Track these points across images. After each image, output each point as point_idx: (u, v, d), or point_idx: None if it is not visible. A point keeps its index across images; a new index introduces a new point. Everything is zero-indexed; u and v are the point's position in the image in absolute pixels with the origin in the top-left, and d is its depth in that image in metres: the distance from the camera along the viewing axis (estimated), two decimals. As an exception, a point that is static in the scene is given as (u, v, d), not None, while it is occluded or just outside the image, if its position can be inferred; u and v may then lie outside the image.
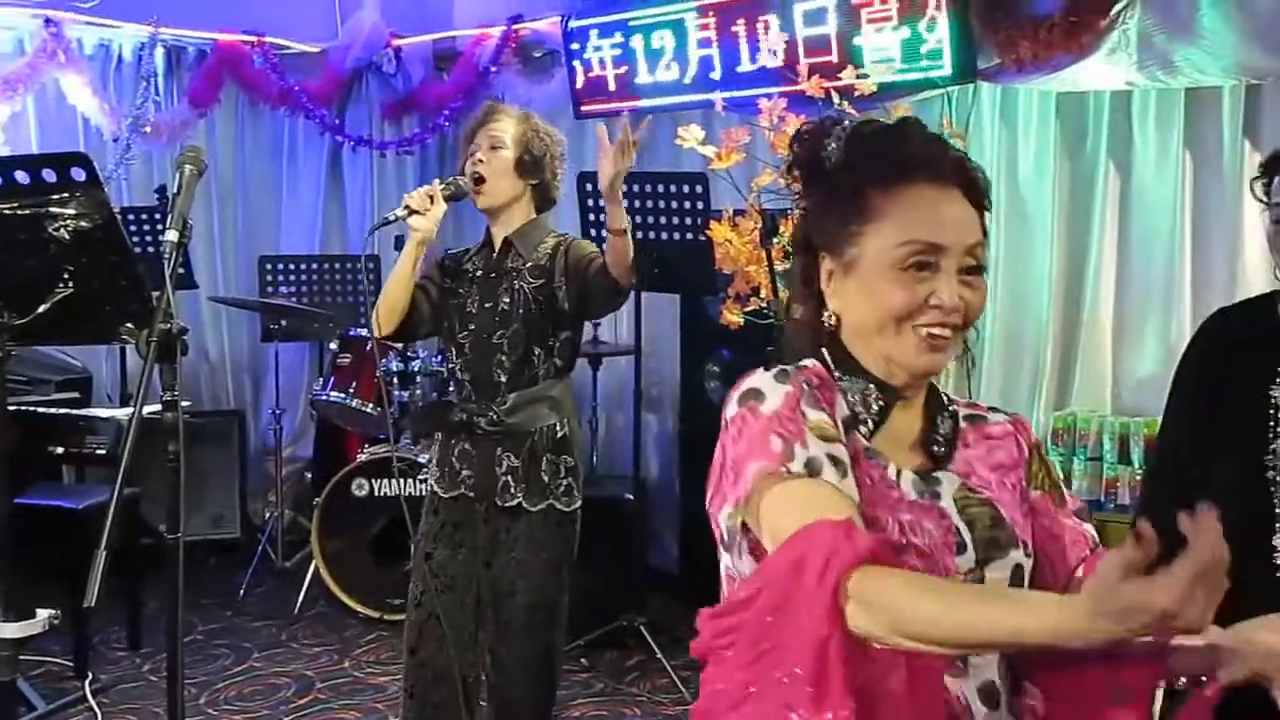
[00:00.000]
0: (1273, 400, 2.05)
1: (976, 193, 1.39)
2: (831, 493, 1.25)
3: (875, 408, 1.39)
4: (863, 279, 1.36)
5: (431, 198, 2.94)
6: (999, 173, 4.35)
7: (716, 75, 4.69)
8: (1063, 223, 4.27)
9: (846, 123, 1.41)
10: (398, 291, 2.97)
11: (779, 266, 3.46)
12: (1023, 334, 4.37)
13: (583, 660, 4.42)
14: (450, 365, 3.11)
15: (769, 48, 4.44)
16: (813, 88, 3.77)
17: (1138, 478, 3.96)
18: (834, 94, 3.68)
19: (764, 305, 3.67)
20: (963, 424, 1.46)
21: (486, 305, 3.00)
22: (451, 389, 3.16)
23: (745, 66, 4.59)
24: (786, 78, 3.76)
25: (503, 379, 2.97)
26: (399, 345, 4.77)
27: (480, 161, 2.99)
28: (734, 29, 4.58)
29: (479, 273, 3.04)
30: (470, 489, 2.99)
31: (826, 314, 1.41)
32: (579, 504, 3.02)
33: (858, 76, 3.91)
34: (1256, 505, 2.04)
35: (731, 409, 1.37)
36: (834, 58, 4.23)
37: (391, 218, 2.96)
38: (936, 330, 1.34)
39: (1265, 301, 2.17)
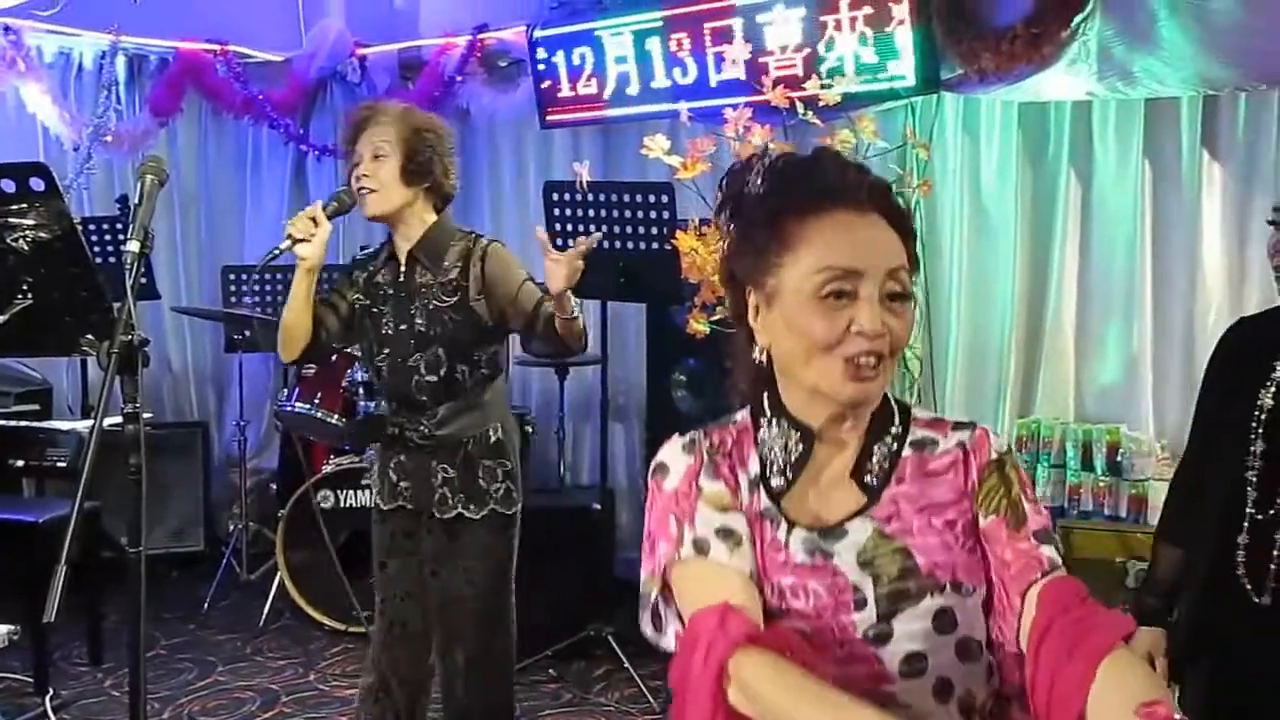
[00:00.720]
0: (1259, 404, 2.10)
1: (900, 219, 1.37)
2: (716, 572, 1.33)
3: (795, 451, 1.39)
4: (784, 310, 1.34)
5: (315, 220, 2.82)
6: (962, 182, 4.38)
7: (682, 85, 4.70)
8: (1025, 231, 4.31)
9: (769, 158, 1.41)
10: (294, 321, 2.87)
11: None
12: (986, 341, 4.41)
13: (550, 670, 4.41)
14: (375, 382, 3.07)
15: (734, 58, 4.46)
16: (777, 98, 3.79)
17: (1100, 484, 4.00)
18: (799, 104, 3.70)
19: (729, 315, 3.68)
20: (906, 451, 1.41)
21: (401, 328, 2.93)
22: (384, 403, 3.12)
23: (711, 77, 4.60)
24: (752, 88, 3.77)
25: (425, 398, 2.93)
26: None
27: (364, 175, 2.87)
28: (700, 39, 4.60)
29: (389, 290, 2.96)
30: (409, 501, 2.98)
31: (756, 349, 1.41)
32: (519, 506, 3.01)
33: (822, 87, 3.93)
34: (1233, 506, 2.10)
35: (649, 480, 1.44)
36: (799, 68, 4.25)
37: (278, 251, 2.82)
38: (862, 359, 1.31)
39: (1278, 311, 2.25)
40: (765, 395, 1.42)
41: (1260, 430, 2.11)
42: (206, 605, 5.17)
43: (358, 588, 4.55)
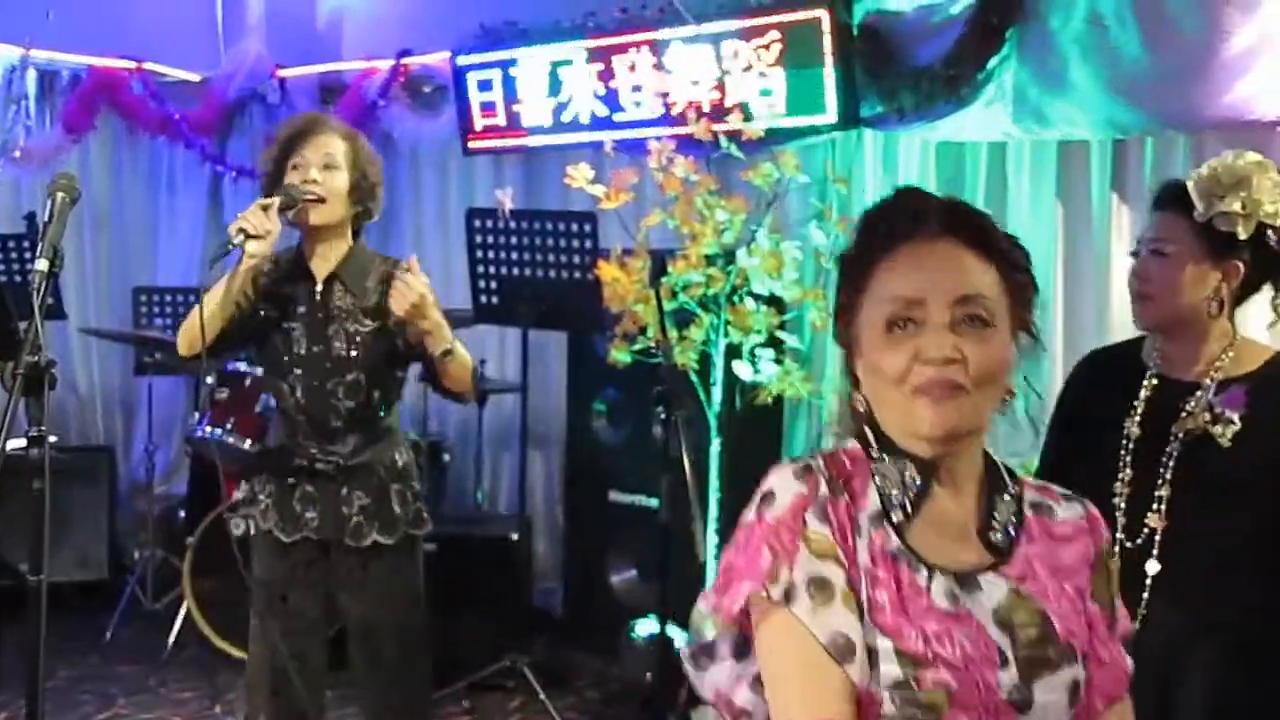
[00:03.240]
0: (1126, 433, 2.15)
1: (985, 241, 1.31)
2: (810, 651, 1.23)
3: (913, 486, 1.30)
4: (866, 353, 1.31)
5: (268, 211, 2.72)
6: (881, 218, 4.45)
7: (605, 115, 4.72)
8: (941, 268, 4.39)
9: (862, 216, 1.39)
10: (213, 315, 2.74)
11: (667, 306, 3.48)
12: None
13: (465, 703, 4.34)
14: (283, 405, 2.92)
15: (657, 90, 4.49)
16: (700, 131, 3.83)
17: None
18: (722, 138, 3.74)
19: (652, 345, 3.69)
20: (1028, 512, 1.35)
21: (315, 349, 2.85)
22: (281, 428, 2.98)
23: (635, 108, 4.63)
24: (675, 120, 3.80)
25: (340, 424, 2.87)
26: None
27: (315, 182, 2.79)
28: (624, 70, 4.63)
29: (302, 308, 2.87)
30: (315, 532, 2.88)
31: (858, 397, 1.36)
32: (429, 526, 2.96)
33: (744, 121, 3.98)
34: None
35: (749, 512, 1.33)
36: (723, 102, 4.30)
37: (230, 246, 2.72)
38: (933, 388, 1.24)
39: (1133, 344, 2.30)
40: (872, 435, 1.34)
41: (1129, 459, 2.15)
42: (109, 635, 5.01)
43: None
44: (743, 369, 3.78)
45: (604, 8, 4.75)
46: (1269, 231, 2.04)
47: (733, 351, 3.82)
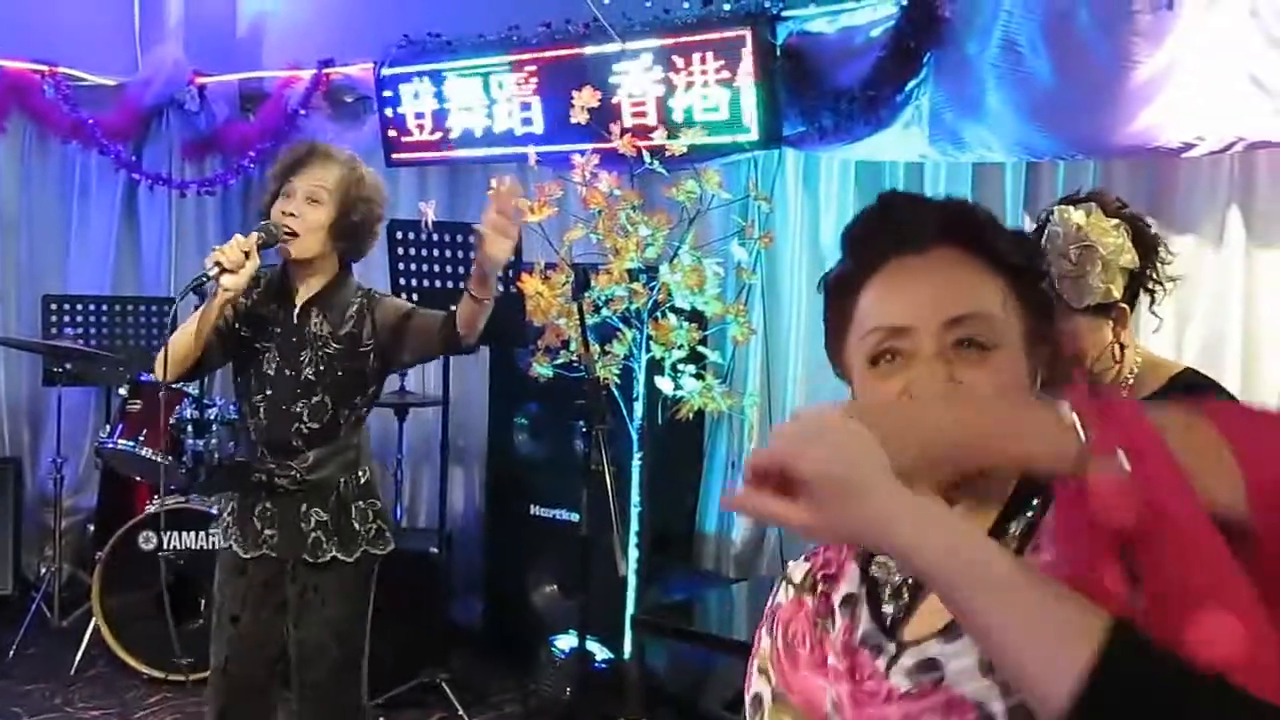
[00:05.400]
0: None
1: (982, 247, 1.11)
2: None
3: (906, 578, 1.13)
4: (857, 391, 1.15)
5: (247, 254, 2.71)
6: (801, 237, 4.51)
7: (529, 129, 4.73)
8: (860, 286, 4.46)
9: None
10: (191, 345, 2.78)
11: (589, 320, 3.49)
12: (823, 392, 4.52)
13: (382, 718, 4.30)
14: (246, 423, 2.95)
15: (582, 105, 4.51)
16: (625, 146, 3.85)
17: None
18: (645, 153, 3.76)
19: (574, 359, 3.70)
20: (1049, 515, 1.09)
21: (286, 372, 2.86)
22: (243, 444, 3.02)
23: (559, 122, 4.64)
24: (599, 135, 3.82)
25: (300, 443, 2.87)
26: (193, 393, 4.61)
27: (292, 215, 2.80)
28: (549, 84, 4.64)
29: (279, 329, 2.89)
30: (273, 548, 2.88)
31: None
32: (391, 545, 2.96)
33: (668, 138, 4.01)
34: None
35: None
36: (646, 118, 4.33)
37: (205, 278, 2.74)
38: None
39: None
40: None
41: None
42: (13, 652, 4.87)
43: (181, 633, 4.39)
44: (664, 384, 3.80)
45: (529, 22, 4.76)
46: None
47: (654, 366, 3.84)
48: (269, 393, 2.87)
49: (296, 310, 2.89)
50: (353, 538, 2.87)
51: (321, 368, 2.85)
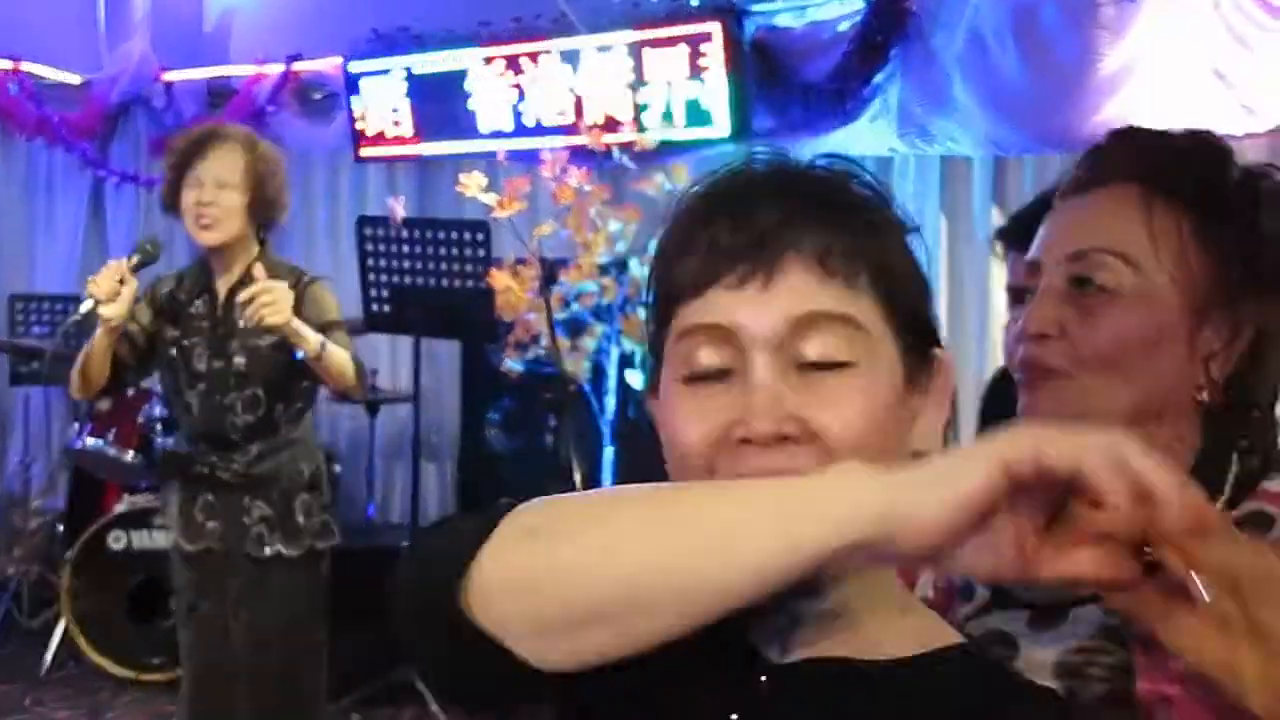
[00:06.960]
0: None
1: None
2: None
3: None
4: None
5: (121, 280, 2.66)
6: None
7: (499, 124, 4.72)
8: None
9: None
10: (93, 370, 2.74)
11: (560, 315, 3.49)
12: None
13: (355, 716, 4.28)
14: (180, 419, 2.90)
15: (553, 99, 4.51)
16: (594, 141, 3.85)
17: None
18: (615, 148, 3.77)
19: (544, 353, 3.70)
20: None
21: (216, 364, 2.81)
22: (179, 440, 2.96)
23: (528, 117, 4.64)
24: (569, 130, 3.82)
25: (238, 437, 2.83)
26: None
27: (207, 203, 2.74)
28: (519, 79, 4.63)
29: (203, 323, 2.84)
30: (216, 541, 2.84)
31: None
32: (336, 539, 2.94)
33: (638, 132, 4.02)
34: None
35: None
36: (616, 113, 4.33)
37: (80, 314, 2.71)
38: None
39: None
40: None
41: None
42: (-19, 655, 4.85)
43: (151, 633, 4.37)
44: (635, 378, 3.81)
45: (498, 17, 4.75)
46: None
47: (625, 361, 3.85)
48: (201, 388, 2.83)
49: (220, 300, 2.84)
50: (296, 532, 2.85)
51: (253, 359, 2.80)
